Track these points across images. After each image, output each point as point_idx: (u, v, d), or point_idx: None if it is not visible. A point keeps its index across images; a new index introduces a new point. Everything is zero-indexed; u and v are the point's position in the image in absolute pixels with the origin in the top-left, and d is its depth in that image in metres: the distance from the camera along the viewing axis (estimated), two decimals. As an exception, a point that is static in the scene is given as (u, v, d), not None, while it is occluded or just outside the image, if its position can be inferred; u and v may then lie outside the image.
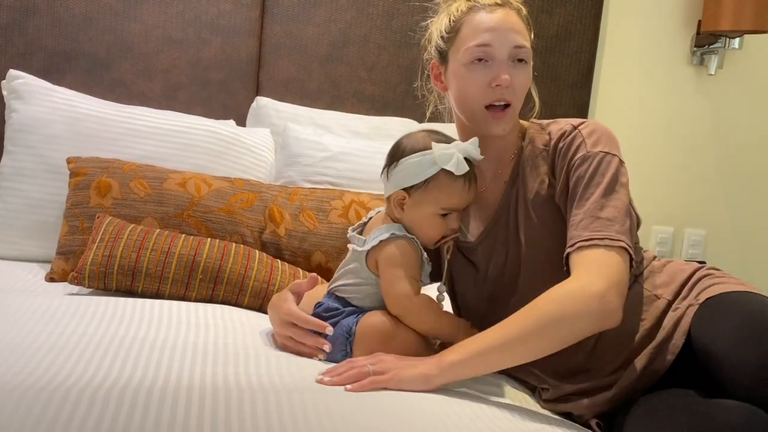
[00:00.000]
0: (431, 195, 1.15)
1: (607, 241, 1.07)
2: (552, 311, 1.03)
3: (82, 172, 1.63)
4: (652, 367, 1.08)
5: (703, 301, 1.07)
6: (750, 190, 2.54)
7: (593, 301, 1.02)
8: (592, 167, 1.13)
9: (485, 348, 1.05)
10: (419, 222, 1.17)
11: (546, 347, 1.05)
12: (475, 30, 1.18)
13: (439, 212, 1.16)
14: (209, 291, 1.44)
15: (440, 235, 1.18)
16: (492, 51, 1.17)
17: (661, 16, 2.42)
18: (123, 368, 0.99)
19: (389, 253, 1.14)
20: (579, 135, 1.16)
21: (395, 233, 1.16)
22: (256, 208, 1.66)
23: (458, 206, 1.17)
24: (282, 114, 2.06)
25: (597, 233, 1.08)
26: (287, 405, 0.91)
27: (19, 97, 1.79)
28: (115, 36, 2.02)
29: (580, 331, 1.04)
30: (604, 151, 1.14)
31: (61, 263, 1.56)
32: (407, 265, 1.15)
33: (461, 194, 1.15)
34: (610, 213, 1.09)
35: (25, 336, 1.08)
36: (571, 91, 2.35)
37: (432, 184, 1.15)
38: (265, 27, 2.12)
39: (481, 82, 1.17)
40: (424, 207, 1.16)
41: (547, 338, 1.03)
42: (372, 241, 1.16)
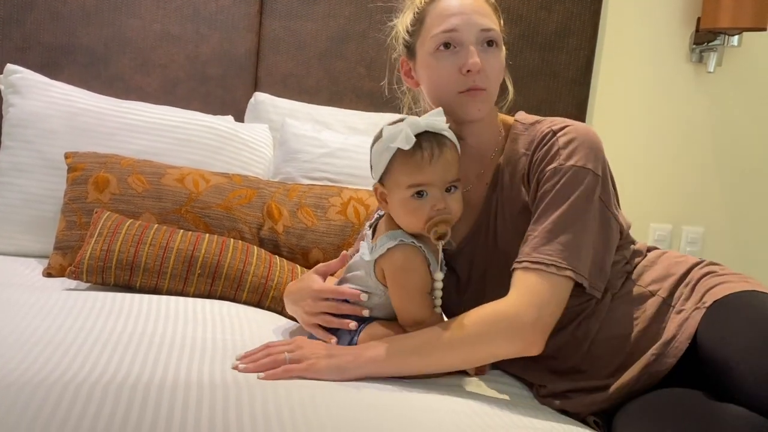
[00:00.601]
0: (395, 177, 1.08)
1: (553, 268, 1.05)
2: (478, 331, 1.05)
3: (80, 167, 1.63)
4: (653, 368, 1.06)
5: (710, 305, 1.04)
6: (748, 187, 2.55)
7: (519, 332, 1.04)
8: (561, 183, 1.09)
9: (407, 350, 1.06)
10: (397, 210, 1.10)
11: (465, 362, 1.09)
12: (439, 16, 1.14)
13: (408, 193, 1.07)
14: (207, 286, 1.44)
15: (423, 219, 1.07)
16: (458, 36, 1.12)
17: (660, 14, 2.42)
18: (121, 364, 0.99)
19: (397, 262, 1.09)
20: (556, 144, 1.11)
21: (403, 240, 1.09)
22: (255, 205, 1.66)
23: (426, 181, 1.06)
24: (280, 110, 2.05)
25: (547, 257, 1.06)
26: (285, 400, 0.91)
27: (17, 92, 1.79)
28: (113, 31, 2.01)
29: (499, 354, 1.08)
30: (577, 165, 1.08)
31: (59, 258, 1.55)
32: (416, 277, 1.10)
33: (423, 168, 1.05)
34: (566, 238, 1.06)
35: (22, 331, 1.08)
36: (570, 87, 2.35)
37: (392, 167, 1.08)
38: (264, 22, 2.12)
39: (451, 69, 1.12)
40: (395, 192, 1.09)
41: (466, 354, 1.06)
42: (379, 250, 1.10)
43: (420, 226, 1.08)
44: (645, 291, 1.14)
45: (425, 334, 1.06)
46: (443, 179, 1.08)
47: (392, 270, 1.10)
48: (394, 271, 1.10)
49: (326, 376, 1.02)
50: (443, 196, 1.08)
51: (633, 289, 1.15)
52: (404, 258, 1.09)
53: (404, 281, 1.10)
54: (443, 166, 1.07)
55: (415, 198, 1.07)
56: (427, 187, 1.07)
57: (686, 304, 1.09)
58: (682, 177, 2.51)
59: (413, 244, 1.10)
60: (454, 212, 1.09)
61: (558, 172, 1.09)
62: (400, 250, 1.09)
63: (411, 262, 1.09)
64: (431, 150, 1.06)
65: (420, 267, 1.10)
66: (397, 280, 1.10)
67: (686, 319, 1.06)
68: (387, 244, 1.09)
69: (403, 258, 1.09)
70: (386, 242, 1.10)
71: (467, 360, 1.08)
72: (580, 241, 1.07)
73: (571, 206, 1.07)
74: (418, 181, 1.07)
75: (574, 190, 1.08)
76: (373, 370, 1.05)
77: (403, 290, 1.10)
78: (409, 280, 1.10)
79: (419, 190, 1.07)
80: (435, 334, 1.06)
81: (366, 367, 1.05)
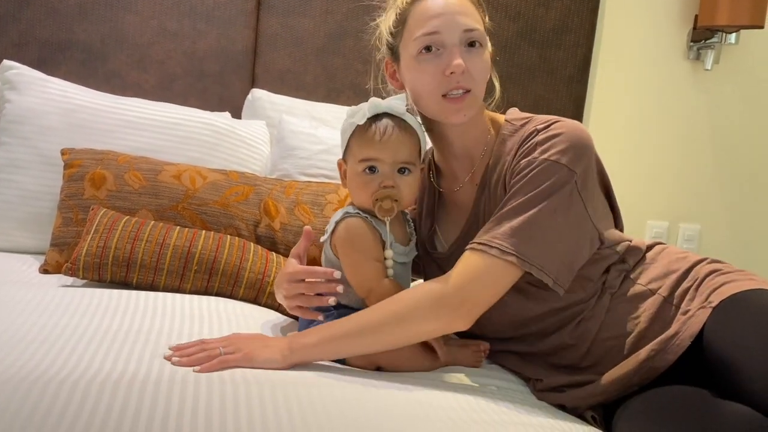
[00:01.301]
0: (351, 152, 1.15)
1: (495, 251, 1.05)
2: (405, 310, 1.06)
3: (77, 163, 1.62)
4: (651, 363, 1.05)
5: (717, 304, 1.02)
6: (745, 184, 2.55)
7: (442, 308, 1.05)
8: (529, 176, 1.08)
9: (339, 334, 1.07)
10: (351, 186, 1.16)
11: (398, 340, 1.08)
12: (421, 18, 1.13)
13: (361, 167, 1.13)
14: (204, 283, 1.44)
15: (370, 194, 1.12)
16: (441, 38, 1.11)
17: (657, 11, 2.42)
18: (117, 360, 0.98)
19: (341, 234, 1.14)
20: (535, 139, 1.11)
21: (348, 212, 1.14)
22: (251, 202, 1.65)
23: (375, 156, 1.11)
24: (277, 106, 2.05)
25: (492, 239, 1.06)
26: (282, 397, 0.91)
27: (13, 88, 1.78)
28: (110, 27, 2.00)
29: (427, 331, 1.08)
30: (550, 159, 1.07)
31: (55, 255, 1.55)
32: (364, 245, 1.12)
33: (373, 143, 1.10)
34: (520, 226, 1.05)
35: (18, 328, 1.08)
36: (567, 85, 2.35)
37: (351, 142, 1.15)
38: (261, 19, 2.12)
39: (434, 72, 1.11)
40: (350, 167, 1.15)
41: (397, 333, 1.07)
42: (329, 227, 1.16)
43: (367, 201, 1.13)
44: (645, 290, 1.13)
45: (358, 317, 1.08)
46: (394, 158, 1.12)
47: (340, 242, 1.14)
48: (341, 243, 1.14)
49: (262, 365, 1.02)
50: (393, 175, 1.12)
51: (632, 288, 1.14)
52: (347, 228, 1.13)
53: (350, 250, 1.13)
54: (395, 145, 1.11)
55: (366, 173, 1.13)
56: (377, 163, 1.12)
57: (692, 304, 1.07)
58: (679, 174, 2.51)
59: (358, 214, 1.14)
60: (404, 194, 1.13)
61: (529, 166, 1.09)
62: (344, 222, 1.14)
63: (354, 231, 1.13)
64: (385, 128, 1.11)
65: (364, 236, 1.13)
66: (344, 251, 1.14)
67: (690, 317, 1.04)
68: (334, 219, 1.15)
69: (346, 228, 1.13)
70: (334, 218, 1.16)
71: (399, 338, 1.08)
72: (537, 232, 1.06)
73: (534, 197, 1.07)
74: (369, 156, 1.12)
75: (541, 183, 1.07)
76: (310, 356, 1.06)
77: (349, 259, 1.13)
78: (354, 249, 1.13)
79: (371, 165, 1.12)
80: (367, 316, 1.07)
81: (301, 353, 1.05)
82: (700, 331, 1.02)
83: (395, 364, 1.11)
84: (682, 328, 1.04)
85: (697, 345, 1.02)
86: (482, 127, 1.19)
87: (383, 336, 1.07)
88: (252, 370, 1.01)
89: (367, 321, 1.07)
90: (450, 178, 1.24)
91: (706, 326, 1.02)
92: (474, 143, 1.19)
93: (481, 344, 1.21)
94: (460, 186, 1.20)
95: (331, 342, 1.07)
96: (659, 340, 1.05)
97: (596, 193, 1.15)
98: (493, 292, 1.08)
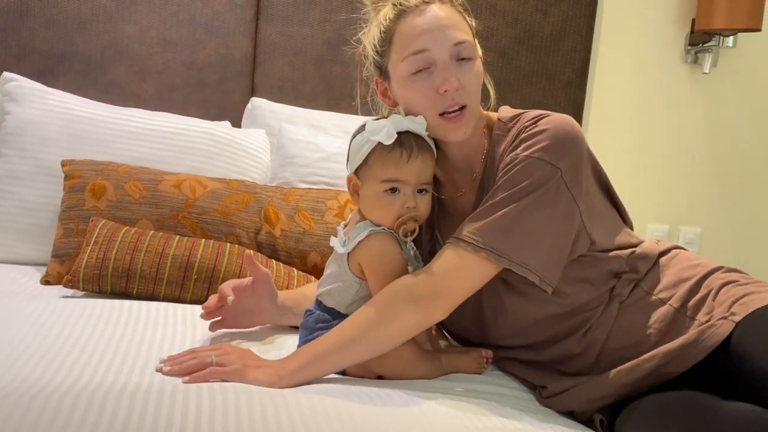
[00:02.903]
0: (371, 170, 1.11)
1: (468, 246, 1.05)
2: (382, 309, 1.05)
3: (77, 174, 1.63)
4: (664, 369, 1.03)
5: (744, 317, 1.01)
6: (744, 187, 2.55)
7: (416, 301, 1.05)
8: (510, 174, 1.07)
9: (322, 352, 1.05)
10: (369, 204, 1.12)
11: (381, 344, 1.07)
12: (407, 37, 1.10)
13: (382, 188, 1.10)
14: (204, 291, 1.44)
15: (394, 215, 1.10)
16: (431, 55, 1.09)
17: (655, 15, 2.42)
18: (120, 371, 0.99)
19: (374, 249, 1.11)
20: (521, 136, 1.09)
21: (374, 229, 1.11)
22: (252, 209, 1.66)
23: (400, 177, 1.09)
24: (277, 115, 2.05)
25: (469, 235, 1.06)
26: (284, 406, 0.91)
27: (13, 100, 1.79)
28: (109, 38, 2.01)
29: (406, 327, 1.07)
30: (533, 156, 1.06)
31: (57, 266, 1.55)
32: (395, 262, 1.11)
33: (399, 164, 1.09)
34: (496, 219, 1.05)
35: (20, 340, 1.08)
36: (566, 90, 2.35)
37: (370, 160, 1.11)
38: (260, 28, 2.12)
39: (428, 91, 1.09)
40: (368, 185, 1.11)
41: (379, 336, 1.05)
42: (351, 243, 1.12)
43: (389, 222, 1.11)
44: (655, 299, 1.11)
45: (338, 330, 1.07)
46: (417, 179, 1.11)
47: (369, 258, 1.11)
48: (371, 260, 1.11)
49: (250, 384, 0.99)
50: (414, 196, 1.11)
51: (642, 298, 1.12)
52: (380, 245, 1.11)
53: (381, 266, 1.11)
54: (419, 167, 1.10)
55: (388, 193, 1.10)
56: (401, 184, 1.10)
57: (709, 315, 1.05)
58: (678, 177, 2.51)
59: (384, 230, 1.12)
60: (422, 212, 1.13)
61: (511, 163, 1.08)
62: (375, 238, 1.11)
63: (386, 247, 1.11)
64: (410, 149, 1.09)
65: (396, 252, 1.12)
66: (375, 268, 1.11)
67: (710, 327, 1.02)
68: (359, 236, 1.11)
69: (378, 245, 1.11)
70: (358, 233, 1.12)
71: (382, 341, 1.06)
72: (516, 228, 1.05)
73: (514, 194, 1.06)
74: (394, 177, 1.10)
75: (521, 180, 1.06)
76: (296, 381, 1.02)
77: (378, 275, 1.11)
78: (386, 266, 1.11)
79: (393, 186, 1.10)
80: (345, 327, 1.06)
81: (290, 379, 1.02)
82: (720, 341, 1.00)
83: (395, 372, 1.11)
84: (701, 338, 1.02)
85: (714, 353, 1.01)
86: (480, 135, 1.18)
87: (366, 343, 1.05)
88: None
89: (346, 332, 1.05)
90: (450, 186, 1.23)
91: (732, 338, 1.00)
92: (473, 152, 1.18)
93: (483, 351, 1.21)
94: (461, 193, 1.20)
95: (316, 362, 1.04)
96: (676, 346, 1.03)
97: (592, 191, 1.14)
98: (467, 285, 1.07)
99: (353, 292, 1.14)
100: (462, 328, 1.26)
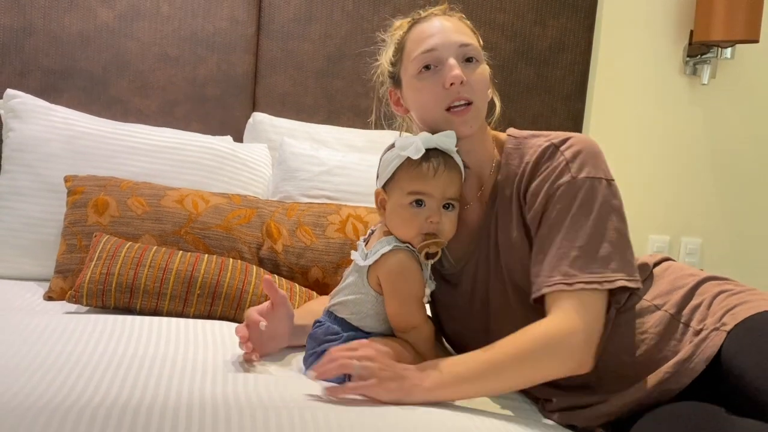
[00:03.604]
0: (397, 184, 1.13)
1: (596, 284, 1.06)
2: (530, 353, 1.05)
3: (80, 190, 1.64)
4: (665, 386, 1.04)
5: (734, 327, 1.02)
6: (745, 197, 2.56)
7: (572, 353, 1.05)
8: (580, 197, 1.09)
9: (463, 377, 1.05)
10: (393, 216, 1.14)
11: (518, 385, 1.10)
12: (417, 40, 1.17)
13: (408, 200, 1.12)
14: (207, 306, 1.44)
15: (417, 229, 1.11)
16: (438, 54, 1.14)
17: (653, 27, 2.44)
18: (122, 387, 0.99)
19: (394, 266, 1.11)
20: (561, 157, 1.12)
21: (398, 245, 1.12)
22: (254, 224, 1.66)
23: (426, 190, 1.11)
24: (278, 129, 2.07)
25: (595, 275, 1.06)
26: (287, 421, 0.91)
27: (17, 117, 1.80)
28: (111, 54, 2.03)
29: (552, 375, 1.08)
30: (590, 176, 1.10)
31: (60, 282, 1.56)
32: (414, 281, 1.12)
33: (426, 178, 1.11)
34: (607, 250, 1.07)
35: (24, 355, 1.08)
36: (565, 102, 2.36)
37: (397, 174, 1.13)
38: (261, 43, 2.14)
39: (435, 87, 1.14)
40: (394, 198, 1.13)
41: (520, 376, 1.06)
42: (374, 255, 1.12)
43: (412, 235, 1.12)
44: (650, 305, 1.13)
45: (478, 360, 1.06)
46: (443, 193, 1.12)
47: (387, 274, 1.12)
48: (390, 275, 1.12)
49: (385, 399, 1.02)
50: (439, 211, 1.12)
51: (638, 304, 1.13)
52: (400, 262, 1.12)
53: (400, 285, 1.12)
54: (445, 181, 1.12)
55: (413, 206, 1.12)
56: (426, 197, 1.11)
57: (703, 324, 1.07)
58: (679, 188, 2.52)
59: (408, 248, 1.12)
60: (446, 231, 1.14)
61: (573, 186, 1.10)
62: (396, 255, 1.12)
63: (407, 265, 1.12)
64: (437, 164, 1.11)
65: (415, 271, 1.12)
66: (393, 284, 1.12)
67: (704, 340, 1.04)
68: (382, 250, 1.12)
69: (398, 262, 1.12)
70: (381, 247, 1.13)
71: (519, 383, 1.09)
72: (621, 250, 1.09)
73: (599, 218, 1.09)
74: (420, 189, 1.11)
75: (595, 201, 1.09)
76: (430, 398, 1.04)
77: (399, 294, 1.12)
78: (405, 284, 1.12)
79: (418, 198, 1.12)
80: (488, 359, 1.06)
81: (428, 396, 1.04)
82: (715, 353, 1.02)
83: None
84: (697, 351, 1.04)
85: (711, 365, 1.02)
86: (488, 146, 1.21)
87: (506, 379, 1.06)
88: (256, 394, 1.01)
89: (491, 365, 1.06)
90: None
91: (722, 349, 1.01)
92: (481, 162, 1.21)
93: None
94: (468, 205, 1.22)
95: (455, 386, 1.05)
96: (673, 362, 1.05)
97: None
98: (602, 326, 1.09)
99: (370, 305, 1.14)
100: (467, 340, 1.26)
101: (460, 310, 1.24)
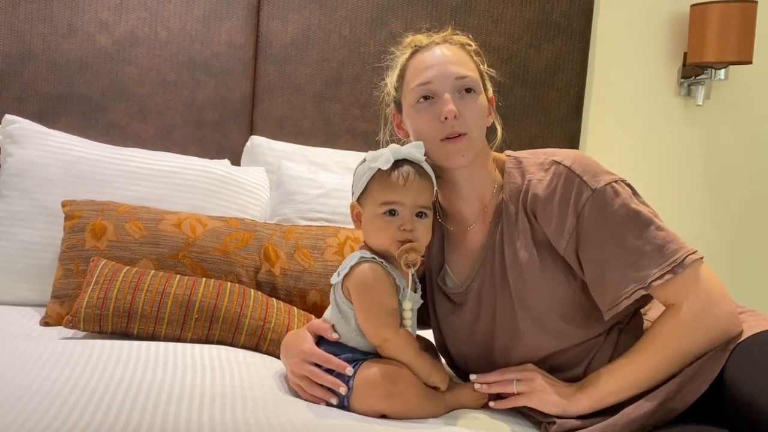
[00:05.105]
0: (370, 195, 1.16)
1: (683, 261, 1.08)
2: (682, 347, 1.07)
3: (77, 215, 1.64)
4: (669, 405, 1.05)
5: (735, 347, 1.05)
6: (739, 217, 2.56)
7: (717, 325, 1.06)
8: (615, 204, 1.11)
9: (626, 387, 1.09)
10: (368, 227, 1.17)
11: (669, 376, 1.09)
12: (416, 71, 1.20)
13: (380, 210, 1.14)
14: (205, 330, 1.44)
15: (391, 237, 1.13)
16: (434, 87, 1.17)
17: (647, 49, 2.46)
18: (120, 412, 0.98)
19: (359, 279, 1.13)
20: (572, 174, 1.14)
21: (363, 256, 1.14)
22: (252, 248, 1.66)
23: (398, 200, 1.13)
24: (276, 152, 2.07)
25: (671, 258, 1.08)
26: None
27: (15, 142, 1.81)
28: (109, 79, 2.04)
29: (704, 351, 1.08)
30: (606, 180, 1.13)
31: (56, 307, 1.55)
32: (382, 292, 1.13)
33: (396, 187, 1.13)
34: (664, 236, 1.10)
35: (20, 382, 1.07)
36: (561, 124, 2.38)
37: (370, 185, 1.16)
38: (259, 67, 2.15)
39: (430, 119, 1.17)
40: (368, 209, 1.16)
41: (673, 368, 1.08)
42: (344, 270, 1.15)
43: (387, 243, 1.14)
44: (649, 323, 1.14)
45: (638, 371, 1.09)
46: (414, 201, 1.14)
47: (353, 286, 1.14)
48: (358, 289, 1.13)
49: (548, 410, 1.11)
50: (412, 219, 1.14)
51: (640, 324, 1.15)
52: (363, 272, 1.13)
53: (366, 296, 1.13)
54: (416, 190, 1.14)
55: (386, 216, 1.14)
56: (398, 206, 1.14)
57: None
58: (674, 209, 2.52)
59: (374, 260, 1.14)
60: (421, 238, 1.16)
61: (600, 196, 1.12)
62: (361, 266, 1.14)
63: (371, 276, 1.13)
64: (407, 173, 1.14)
65: (381, 283, 1.13)
66: (359, 296, 1.13)
67: (707, 359, 1.05)
68: (350, 263, 1.14)
69: (361, 272, 1.13)
70: (350, 261, 1.15)
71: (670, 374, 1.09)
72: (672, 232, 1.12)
73: (638, 214, 1.11)
74: (391, 199, 1.14)
75: (625, 201, 1.12)
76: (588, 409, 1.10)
77: (364, 305, 1.13)
78: (371, 296, 1.13)
79: (391, 208, 1.14)
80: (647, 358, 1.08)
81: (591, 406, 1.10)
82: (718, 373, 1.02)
83: (399, 412, 1.10)
84: (700, 371, 1.04)
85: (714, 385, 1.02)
86: (489, 169, 1.23)
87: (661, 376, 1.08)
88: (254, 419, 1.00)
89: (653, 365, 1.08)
90: (456, 218, 1.26)
91: (725, 369, 1.02)
92: (482, 185, 1.22)
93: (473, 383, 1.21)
94: (471, 226, 1.23)
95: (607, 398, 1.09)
96: (676, 382, 1.05)
97: None
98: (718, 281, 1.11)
99: (353, 322, 1.14)
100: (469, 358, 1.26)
101: (466, 330, 1.24)
